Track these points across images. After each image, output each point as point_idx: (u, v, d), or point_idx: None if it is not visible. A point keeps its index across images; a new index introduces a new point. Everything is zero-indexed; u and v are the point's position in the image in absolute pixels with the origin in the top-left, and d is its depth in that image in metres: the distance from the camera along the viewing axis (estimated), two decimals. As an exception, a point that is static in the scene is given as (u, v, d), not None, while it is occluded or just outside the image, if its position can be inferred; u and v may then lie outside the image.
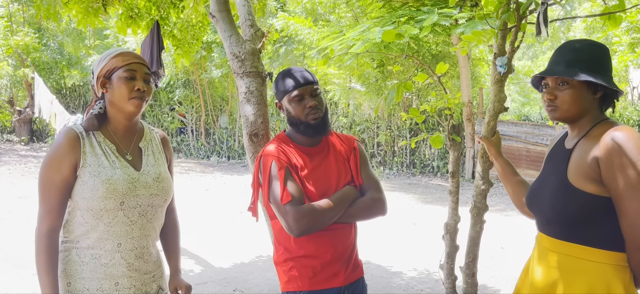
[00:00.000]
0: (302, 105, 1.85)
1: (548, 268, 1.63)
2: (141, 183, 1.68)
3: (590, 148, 1.55)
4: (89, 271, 1.62)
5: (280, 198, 1.75)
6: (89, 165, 1.62)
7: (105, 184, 1.60)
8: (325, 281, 1.85)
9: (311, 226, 1.75)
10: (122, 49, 1.73)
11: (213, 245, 5.83)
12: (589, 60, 1.59)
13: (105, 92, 1.69)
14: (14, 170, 11.70)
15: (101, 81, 1.68)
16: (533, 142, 10.73)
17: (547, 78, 1.66)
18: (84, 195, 1.61)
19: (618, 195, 1.47)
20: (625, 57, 10.28)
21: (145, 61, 1.74)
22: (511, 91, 21.30)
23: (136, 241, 1.68)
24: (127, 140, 1.74)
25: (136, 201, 1.66)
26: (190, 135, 16.03)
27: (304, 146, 1.91)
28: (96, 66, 1.70)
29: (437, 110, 3.78)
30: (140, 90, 1.67)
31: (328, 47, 2.95)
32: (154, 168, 1.74)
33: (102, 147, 1.66)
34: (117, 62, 1.67)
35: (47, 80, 16.22)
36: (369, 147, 13.48)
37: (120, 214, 1.64)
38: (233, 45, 2.81)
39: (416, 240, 6.23)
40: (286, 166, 1.81)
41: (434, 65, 10.02)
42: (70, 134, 1.64)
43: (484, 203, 2.35)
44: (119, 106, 1.68)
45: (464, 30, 2.67)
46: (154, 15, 5.08)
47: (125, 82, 1.66)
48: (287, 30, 11.68)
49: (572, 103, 1.60)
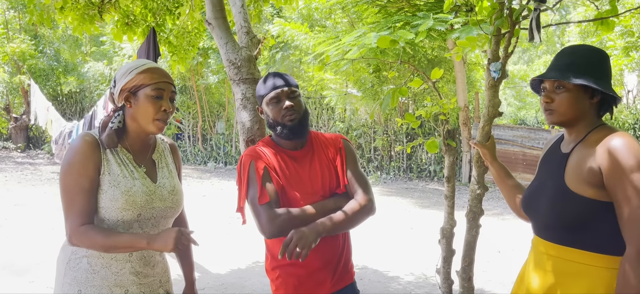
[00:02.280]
0: (279, 107, 1.84)
1: (545, 272, 1.63)
2: (157, 196, 1.67)
3: (589, 154, 1.55)
4: (99, 279, 1.61)
5: (258, 198, 1.74)
6: (109, 174, 1.60)
7: (124, 195, 1.59)
8: (311, 289, 1.84)
9: (282, 230, 1.72)
10: (150, 63, 1.68)
11: (210, 251, 5.81)
12: (586, 64, 1.60)
13: (129, 106, 1.64)
14: (10, 177, 11.65)
15: (126, 95, 1.64)
16: (529, 146, 10.76)
17: (545, 82, 1.67)
18: (102, 204, 1.59)
19: (619, 202, 1.47)
20: (620, 61, 10.34)
21: (172, 80, 1.70)
22: (507, 95, 21.38)
23: (146, 251, 1.67)
24: (143, 152, 1.72)
25: (152, 213, 1.66)
26: (187, 141, 16.02)
27: (288, 149, 1.90)
28: (121, 77, 1.65)
29: (433, 115, 3.79)
30: (166, 111, 1.65)
31: (324, 52, 2.97)
32: (169, 181, 1.73)
33: (120, 156, 1.64)
34: (146, 79, 1.63)
35: (43, 87, 16.21)
36: (366, 151, 13.49)
37: (135, 225, 1.63)
38: (229, 51, 2.82)
39: (413, 244, 6.24)
40: (265, 167, 1.80)
41: (430, 70, 10.04)
42: (88, 138, 1.60)
43: (479, 208, 2.36)
44: (141, 123, 1.65)
45: (459, 35, 2.69)
46: (150, 22, 5.09)
47: (153, 101, 1.63)
48: (283, 36, 11.70)
49: (568, 106, 1.61)
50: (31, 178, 11.56)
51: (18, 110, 17.62)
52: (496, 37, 2.06)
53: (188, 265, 1.96)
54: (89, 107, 15.74)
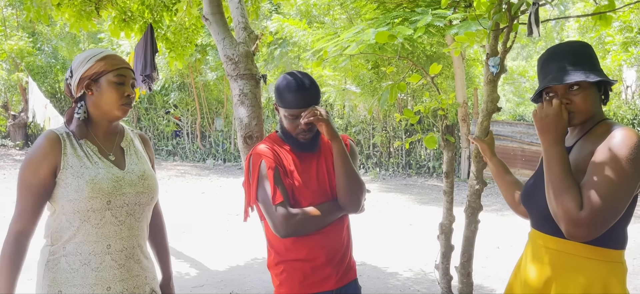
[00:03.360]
0: (296, 124, 1.84)
1: (542, 265, 1.63)
2: (126, 181, 1.66)
3: (590, 146, 1.55)
4: (80, 279, 1.59)
5: (272, 199, 1.75)
6: (71, 167, 1.59)
7: (89, 184, 1.58)
8: (316, 284, 1.85)
9: (298, 230, 1.75)
10: (107, 51, 1.70)
11: (209, 247, 5.81)
12: (588, 60, 1.60)
13: (91, 94, 1.65)
14: (8, 174, 11.63)
15: (87, 83, 1.64)
16: (528, 142, 10.76)
17: (554, 88, 1.61)
18: (68, 197, 1.58)
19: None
20: (619, 57, 10.34)
21: (129, 65, 1.72)
22: (506, 91, 21.37)
23: (125, 241, 1.66)
24: (109, 141, 1.72)
25: (123, 200, 1.64)
26: (186, 138, 16.00)
27: (296, 148, 1.90)
28: (79, 66, 1.66)
29: (432, 111, 3.78)
30: (129, 96, 1.67)
31: (322, 48, 2.95)
32: (138, 166, 1.72)
33: (84, 149, 1.64)
34: (106, 66, 1.64)
35: (41, 84, 16.17)
36: (365, 148, 13.49)
37: (107, 214, 1.62)
38: (227, 47, 2.81)
39: (412, 240, 6.24)
40: (276, 166, 1.80)
41: (428, 66, 10.05)
42: (50, 136, 1.61)
43: (478, 203, 2.35)
44: (106, 110, 1.66)
45: (457, 31, 2.68)
46: (147, 19, 5.07)
47: (116, 87, 1.64)
48: (281, 33, 11.67)
49: (588, 105, 1.59)
50: (29, 176, 11.54)
51: (16, 108, 17.58)
52: (495, 32, 2.05)
53: (164, 257, 1.93)
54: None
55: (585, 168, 1.53)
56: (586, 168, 1.52)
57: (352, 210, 1.87)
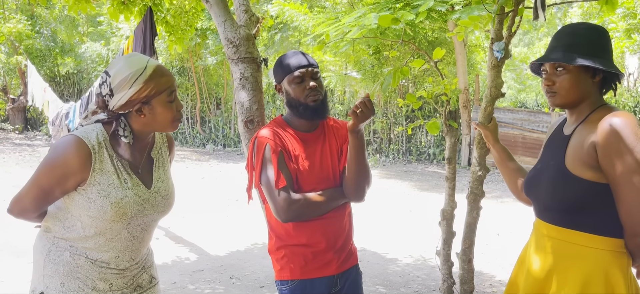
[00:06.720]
0: (303, 87, 1.83)
1: (545, 254, 1.63)
2: (150, 203, 1.61)
3: (588, 134, 1.54)
4: (83, 273, 1.57)
5: (275, 183, 1.75)
6: (98, 184, 1.51)
7: (114, 208, 1.51)
8: (318, 269, 1.85)
9: (299, 215, 1.76)
10: (151, 65, 1.54)
11: (209, 232, 5.82)
12: (586, 43, 1.57)
13: (143, 116, 1.54)
14: (8, 158, 11.63)
15: (137, 107, 1.53)
16: (529, 129, 10.74)
17: (545, 65, 1.64)
18: (90, 213, 1.52)
19: (615, 181, 1.47)
20: (622, 43, 10.27)
21: (173, 77, 1.62)
22: (507, 78, 21.28)
23: (135, 253, 1.65)
24: (141, 151, 1.64)
25: (143, 220, 1.61)
26: (186, 123, 15.96)
27: (301, 131, 1.89)
28: (123, 85, 1.50)
29: (434, 96, 3.76)
30: (180, 110, 1.61)
31: (324, 33, 2.92)
32: (164, 184, 1.67)
33: (114, 163, 1.54)
34: (158, 87, 1.52)
35: (40, 67, 16.08)
36: (366, 134, 13.42)
37: (124, 231, 1.59)
38: (227, 30, 2.78)
39: (412, 226, 6.25)
40: (280, 150, 1.79)
41: (430, 52, 9.99)
42: (81, 151, 1.49)
43: (480, 189, 2.34)
44: (157, 128, 1.59)
45: (460, 15, 2.65)
46: (147, 2, 5.01)
47: (169, 106, 1.56)
48: (282, 17, 11.58)
49: (570, 88, 1.58)
50: (29, 160, 11.53)
51: (15, 91, 17.53)
52: (500, 17, 2.02)
53: None
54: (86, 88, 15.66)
55: (584, 157, 1.53)
56: (585, 156, 1.52)
57: (356, 199, 1.88)
